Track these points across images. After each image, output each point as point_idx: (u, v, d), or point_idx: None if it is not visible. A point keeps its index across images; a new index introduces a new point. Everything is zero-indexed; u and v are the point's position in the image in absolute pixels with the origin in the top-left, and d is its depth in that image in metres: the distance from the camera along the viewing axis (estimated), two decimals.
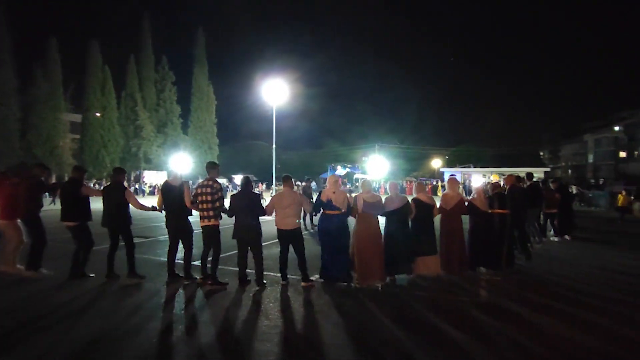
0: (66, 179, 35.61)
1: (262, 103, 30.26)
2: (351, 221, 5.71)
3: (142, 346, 3.62)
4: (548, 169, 42.11)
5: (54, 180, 30.47)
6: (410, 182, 35.87)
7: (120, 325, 4.12)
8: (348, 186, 42.67)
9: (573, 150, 69.72)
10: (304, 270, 5.53)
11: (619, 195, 16.18)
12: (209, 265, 5.56)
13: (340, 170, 39.25)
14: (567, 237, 9.77)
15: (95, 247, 5.96)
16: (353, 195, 6.06)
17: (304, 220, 10.91)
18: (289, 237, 5.53)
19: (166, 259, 5.88)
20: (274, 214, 5.64)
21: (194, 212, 5.72)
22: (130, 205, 5.79)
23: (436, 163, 52.13)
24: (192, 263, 5.79)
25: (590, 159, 64.21)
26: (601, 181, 53.43)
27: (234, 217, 5.54)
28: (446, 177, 41.87)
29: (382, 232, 5.75)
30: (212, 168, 5.73)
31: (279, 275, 5.69)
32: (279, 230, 5.56)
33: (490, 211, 6.37)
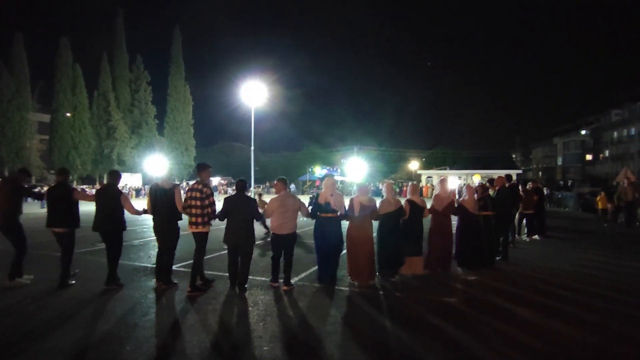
0: (33, 181, 34.29)
1: (241, 104, 29.96)
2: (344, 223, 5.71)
3: (129, 355, 3.47)
4: (520, 171, 43.48)
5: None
6: (390, 183, 36.23)
7: (104, 333, 3.93)
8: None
9: (543, 153, 72.41)
10: (289, 275, 5.45)
11: (598, 197, 15.75)
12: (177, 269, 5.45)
13: (319, 172, 39.30)
14: (537, 237, 10.10)
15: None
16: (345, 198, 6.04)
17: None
18: (284, 242, 5.39)
19: (143, 264, 5.69)
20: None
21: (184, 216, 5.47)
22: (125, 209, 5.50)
23: (413, 165, 52.90)
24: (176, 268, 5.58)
25: (559, 161, 66.85)
26: (569, 183, 55.79)
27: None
28: (423, 179, 42.67)
29: (375, 233, 5.76)
30: (202, 170, 5.42)
31: (263, 279, 5.61)
32: (275, 235, 5.40)
33: (478, 213, 6.58)
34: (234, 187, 5.41)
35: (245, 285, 5.35)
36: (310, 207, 5.81)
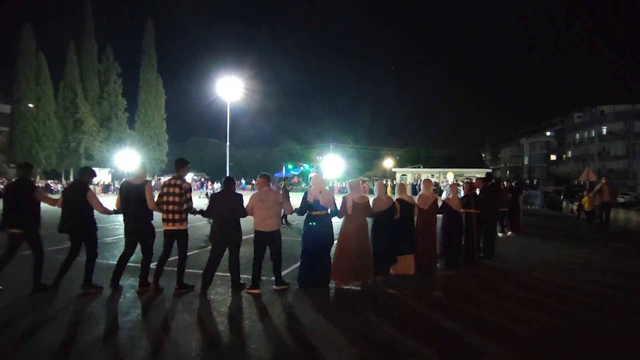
0: None
1: (216, 99, 29.45)
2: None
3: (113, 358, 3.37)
4: (489, 170, 45.02)
5: None
6: (364, 181, 36.68)
7: (85, 336, 3.80)
8: (303, 185, 42.77)
9: (511, 153, 75.28)
10: (279, 273, 5.34)
11: (584, 199, 14.31)
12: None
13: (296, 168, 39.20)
14: (511, 233, 10.76)
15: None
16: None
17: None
18: (267, 240, 5.21)
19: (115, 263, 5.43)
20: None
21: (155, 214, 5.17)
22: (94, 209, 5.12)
23: (388, 163, 53.76)
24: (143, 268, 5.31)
25: (526, 160, 69.71)
26: (535, 181, 58.33)
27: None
28: (398, 177, 43.48)
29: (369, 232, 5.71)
30: (182, 165, 5.21)
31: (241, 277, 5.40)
32: (258, 232, 5.20)
33: (463, 210, 6.81)
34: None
35: (243, 282, 5.28)
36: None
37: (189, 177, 43.37)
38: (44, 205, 5.17)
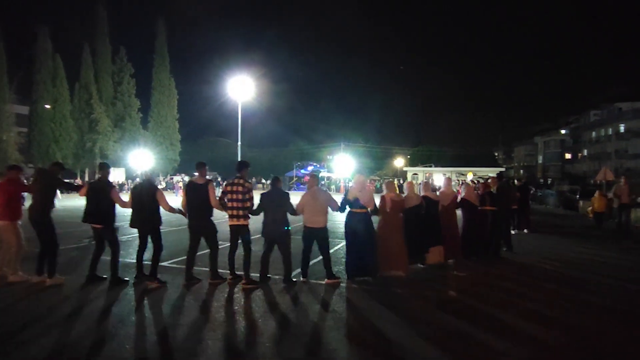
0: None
1: (227, 99, 29.67)
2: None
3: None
4: (503, 169, 44.39)
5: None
6: (372, 181, 36.63)
7: (107, 331, 3.91)
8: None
9: (525, 152, 74.13)
10: (330, 268, 5.60)
11: (593, 198, 13.39)
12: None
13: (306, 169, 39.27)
14: (525, 231, 11.05)
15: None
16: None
17: None
18: (316, 236, 5.56)
19: (134, 260, 5.66)
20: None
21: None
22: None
23: (399, 162, 53.42)
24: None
25: (540, 159, 68.57)
26: (549, 181, 57.34)
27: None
28: (409, 176, 43.15)
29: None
30: (244, 167, 5.59)
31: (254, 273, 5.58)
32: (307, 228, 5.58)
33: (480, 208, 7.29)
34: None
35: (294, 279, 5.57)
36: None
37: None
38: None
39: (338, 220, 6.01)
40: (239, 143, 28.89)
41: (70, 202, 5.59)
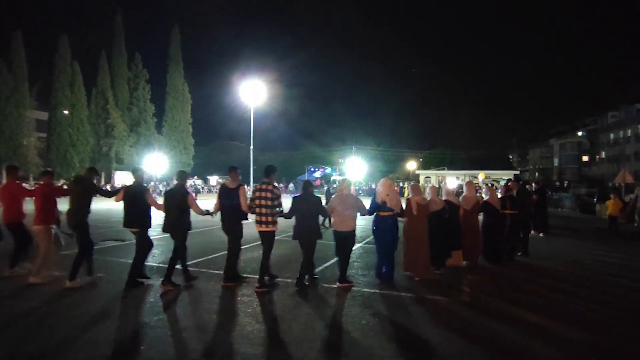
0: (31, 179, 34.09)
1: (240, 103, 29.96)
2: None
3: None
4: (517, 172, 43.70)
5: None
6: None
7: (130, 332, 4.01)
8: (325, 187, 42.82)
9: (540, 154, 72.74)
10: (345, 271, 5.69)
11: (608, 202, 13.16)
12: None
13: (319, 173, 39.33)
14: (541, 234, 11.01)
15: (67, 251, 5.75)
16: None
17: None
18: (345, 238, 5.65)
19: (155, 264, 5.79)
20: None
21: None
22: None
23: (411, 165, 53.05)
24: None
25: (556, 162, 67.21)
26: (565, 184, 56.14)
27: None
28: (421, 179, 42.84)
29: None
30: (272, 172, 5.65)
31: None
32: (337, 231, 5.67)
33: (502, 211, 7.36)
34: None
35: (315, 276, 5.76)
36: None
37: (214, 179, 44.21)
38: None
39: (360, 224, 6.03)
40: (251, 147, 29.16)
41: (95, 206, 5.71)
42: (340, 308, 4.78)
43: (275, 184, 5.64)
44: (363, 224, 6.00)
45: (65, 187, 5.94)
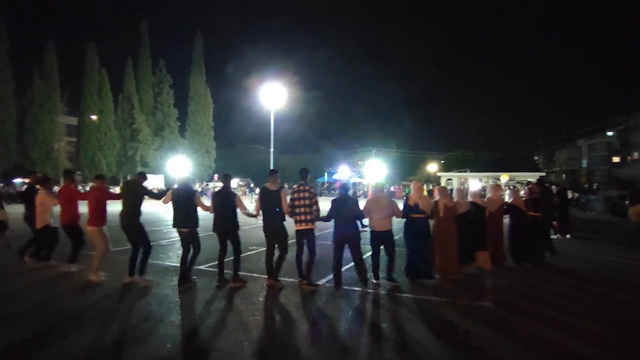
0: (62, 182, 35.55)
1: (260, 107, 30.34)
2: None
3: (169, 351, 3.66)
4: (543, 174, 42.45)
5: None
6: (400, 187, 36.06)
7: (146, 330, 4.16)
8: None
9: (567, 155, 70.34)
10: (392, 270, 5.82)
11: (637, 204, 12.11)
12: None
13: (345, 173, 39.25)
14: (567, 236, 10.93)
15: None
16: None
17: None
18: (383, 239, 5.82)
19: (172, 263, 5.95)
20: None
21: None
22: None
23: (432, 167, 52.37)
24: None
25: (584, 163, 64.82)
26: (595, 186, 54.06)
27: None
28: (442, 181, 42.23)
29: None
30: (308, 174, 5.92)
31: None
32: (374, 232, 5.84)
33: (528, 213, 7.40)
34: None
35: (372, 279, 5.82)
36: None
37: (235, 182, 44.78)
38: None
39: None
40: (272, 149, 29.47)
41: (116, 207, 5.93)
42: (370, 311, 4.84)
43: (312, 186, 5.84)
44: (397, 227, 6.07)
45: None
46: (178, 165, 32.77)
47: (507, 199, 7.70)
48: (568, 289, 5.89)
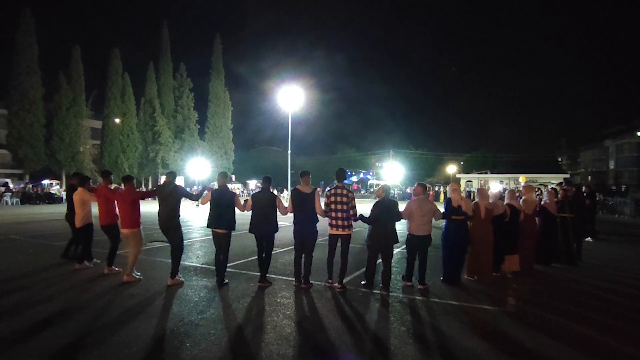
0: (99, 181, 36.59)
1: (278, 109, 30.58)
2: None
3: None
4: (567, 175, 41.16)
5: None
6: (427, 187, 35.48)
7: (169, 330, 4.22)
8: (362, 192, 42.57)
9: (593, 156, 68.03)
10: (424, 273, 5.74)
11: None
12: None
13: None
14: (589, 239, 10.66)
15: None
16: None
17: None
18: (421, 243, 5.71)
19: (192, 264, 5.97)
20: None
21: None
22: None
23: (451, 169, 51.57)
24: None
25: (612, 165, 62.52)
26: (623, 188, 52.02)
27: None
28: (462, 183, 41.50)
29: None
30: (345, 175, 5.79)
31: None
32: (412, 236, 5.73)
33: (559, 215, 7.42)
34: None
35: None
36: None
37: (253, 183, 45.12)
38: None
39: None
40: (289, 151, 29.63)
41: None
42: (383, 314, 4.75)
43: (349, 188, 5.65)
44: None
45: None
46: (198, 167, 33.40)
47: (544, 198, 7.62)
48: (605, 291, 5.76)
